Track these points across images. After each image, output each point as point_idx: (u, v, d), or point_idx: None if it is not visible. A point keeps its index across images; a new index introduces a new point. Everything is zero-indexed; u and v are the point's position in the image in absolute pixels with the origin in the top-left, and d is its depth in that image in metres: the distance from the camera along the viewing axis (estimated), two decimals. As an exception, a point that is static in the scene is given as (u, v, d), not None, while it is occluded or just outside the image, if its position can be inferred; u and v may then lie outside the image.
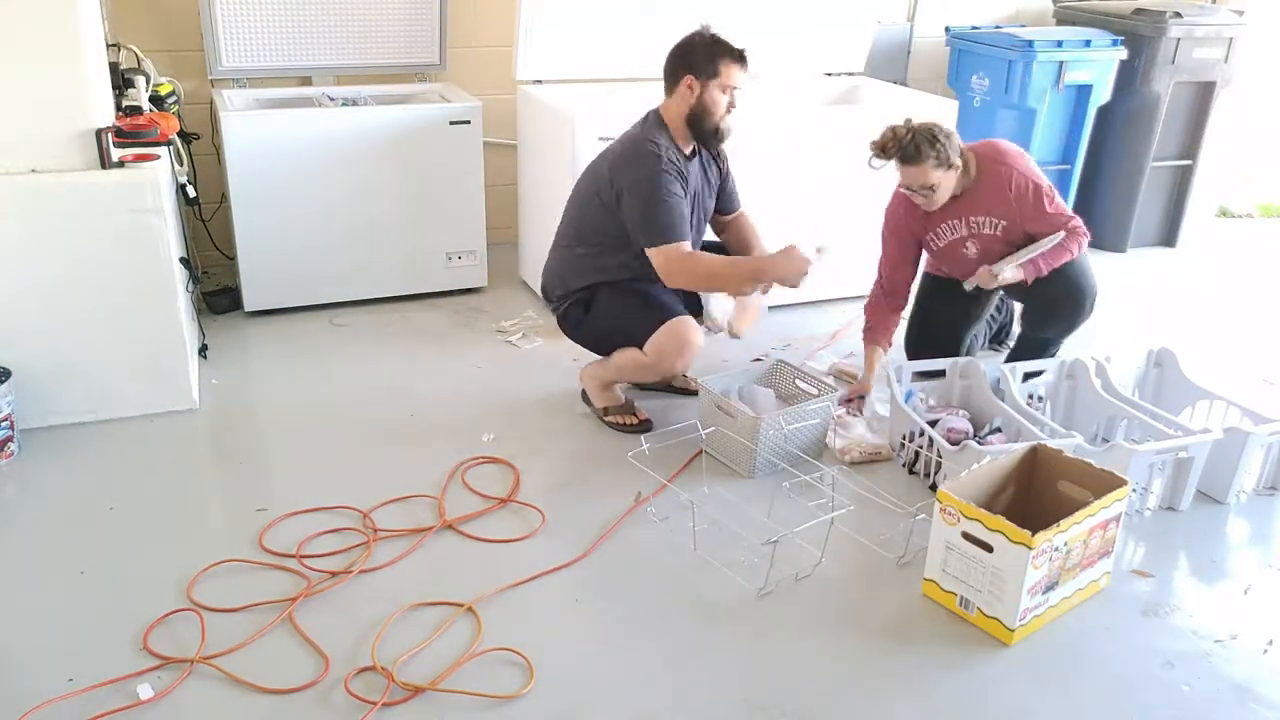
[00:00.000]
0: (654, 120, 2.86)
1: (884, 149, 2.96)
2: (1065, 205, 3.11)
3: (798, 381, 2.97)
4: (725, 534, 2.48)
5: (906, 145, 2.92)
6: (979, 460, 2.43)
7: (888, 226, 3.25)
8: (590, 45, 3.84)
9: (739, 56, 2.80)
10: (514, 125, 4.02)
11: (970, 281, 3.10)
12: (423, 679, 1.99)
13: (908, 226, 3.19)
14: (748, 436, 2.71)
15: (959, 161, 2.97)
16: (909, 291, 3.28)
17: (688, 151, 2.89)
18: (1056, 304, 3.12)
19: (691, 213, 2.87)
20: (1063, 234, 3.02)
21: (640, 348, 2.87)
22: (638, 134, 2.86)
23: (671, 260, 2.77)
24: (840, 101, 4.37)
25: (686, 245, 2.78)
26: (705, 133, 2.85)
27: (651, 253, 2.78)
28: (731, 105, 2.83)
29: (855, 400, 3.13)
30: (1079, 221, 3.07)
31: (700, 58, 2.77)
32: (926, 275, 3.39)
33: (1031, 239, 3.04)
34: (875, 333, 3.23)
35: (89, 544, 2.40)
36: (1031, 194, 3.02)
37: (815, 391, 2.89)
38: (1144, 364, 3.09)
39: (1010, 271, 3.01)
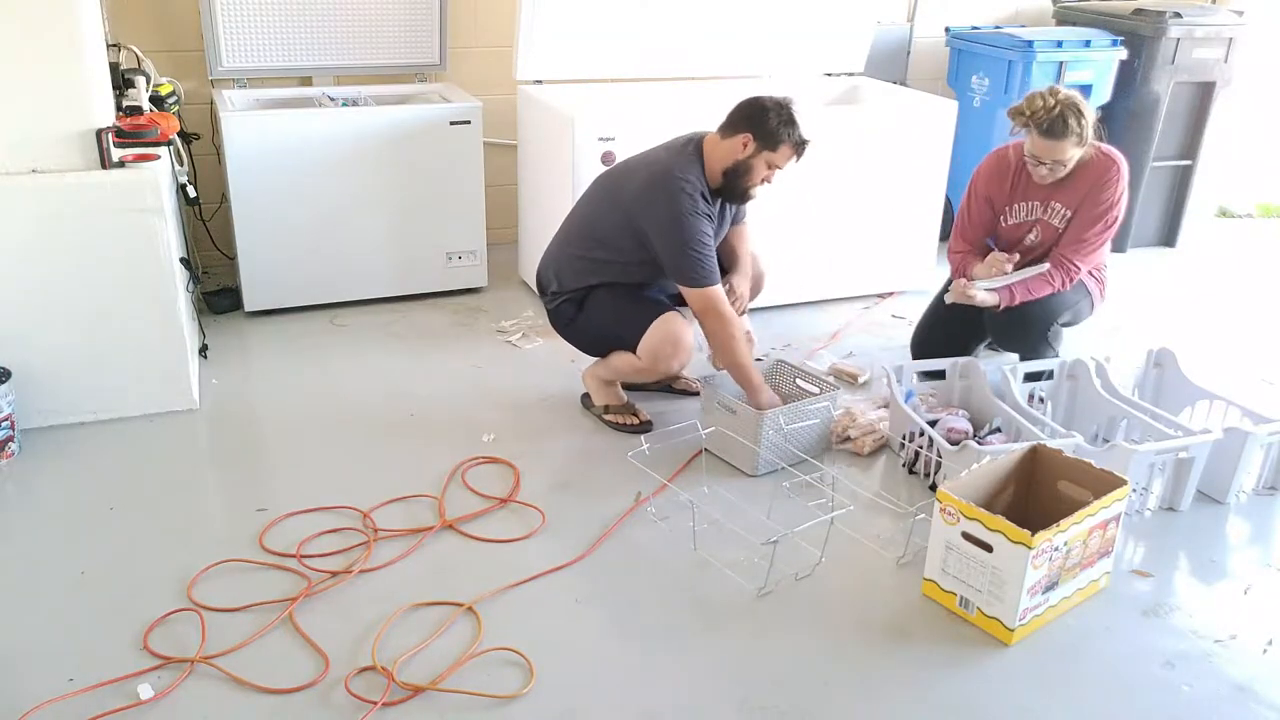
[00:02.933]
0: (693, 151, 2.81)
1: (1031, 118, 2.84)
2: (1102, 252, 3.06)
3: (798, 381, 2.97)
4: (725, 534, 2.48)
5: (1055, 119, 2.80)
6: (979, 460, 2.43)
7: (968, 194, 3.17)
8: (590, 46, 3.83)
9: (801, 148, 2.80)
10: (514, 125, 4.02)
11: (950, 295, 3.09)
12: (423, 679, 1.99)
13: (987, 201, 3.11)
14: (750, 433, 2.71)
15: (1091, 139, 2.89)
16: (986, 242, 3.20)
17: (714, 189, 2.85)
18: (1009, 325, 3.10)
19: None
20: (1047, 266, 2.99)
21: (633, 351, 2.88)
22: (671, 163, 2.79)
23: (708, 304, 2.79)
24: (840, 102, 4.37)
25: (720, 289, 2.81)
26: (734, 190, 2.84)
27: (688, 292, 2.81)
28: (767, 180, 2.84)
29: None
30: (1083, 266, 3.02)
31: (768, 127, 2.75)
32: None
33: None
34: (962, 269, 3.16)
35: (89, 544, 2.40)
36: (1103, 206, 2.97)
37: (816, 390, 2.89)
38: (1144, 364, 3.09)
39: (984, 293, 2.99)
